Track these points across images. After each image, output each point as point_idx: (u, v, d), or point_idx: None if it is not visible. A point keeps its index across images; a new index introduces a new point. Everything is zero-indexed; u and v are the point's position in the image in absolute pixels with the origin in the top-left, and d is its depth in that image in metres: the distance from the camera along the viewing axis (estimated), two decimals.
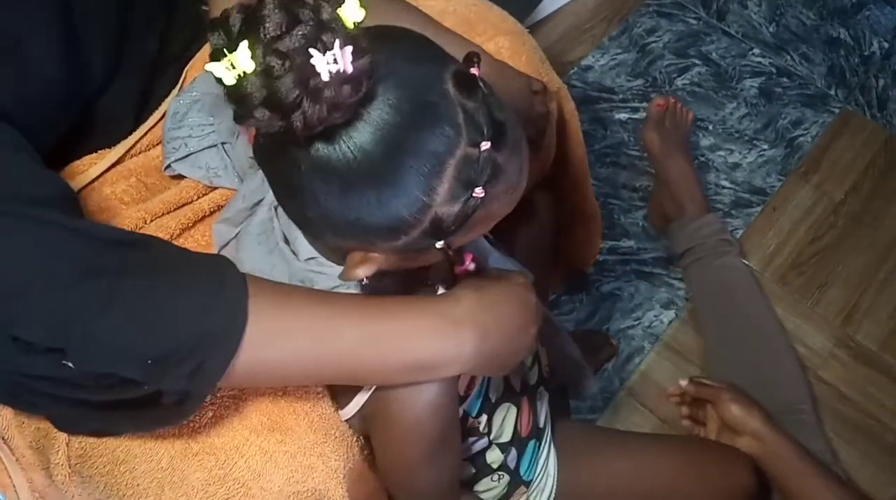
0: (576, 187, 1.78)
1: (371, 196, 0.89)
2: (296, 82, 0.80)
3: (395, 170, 0.88)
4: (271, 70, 0.80)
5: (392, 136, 0.87)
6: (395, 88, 0.88)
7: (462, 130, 0.89)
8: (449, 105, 0.89)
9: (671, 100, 2.29)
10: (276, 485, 1.13)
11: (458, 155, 0.89)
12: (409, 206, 0.90)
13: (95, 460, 1.17)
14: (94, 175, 1.28)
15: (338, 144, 0.87)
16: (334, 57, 0.81)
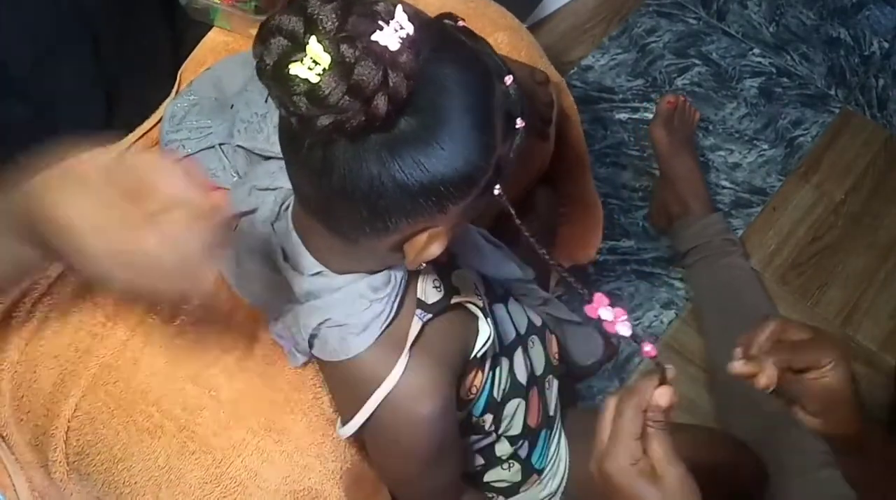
0: (576, 180, 1.78)
1: (453, 147, 0.90)
2: (374, 62, 0.80)
3: (468, 120, 0.90)
4: (344, 59, 0.80)
5: (450, 90, 0.89)
6: (449, 52, 0.91)
7: (490, 69, 0.94)
8: (471, 51, 0.94)
9: (681, 98, 2.29)
10: (272, 484, 1.14)
11: (497, 92, 0.94)
12: (481, 150, 0.92)
13: (93, 457, 1.18)
14: None
15: (409, 111, 0.87)
16: (399, 24, 0.82)
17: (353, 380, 1.13)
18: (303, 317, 1.12)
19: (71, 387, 1.18)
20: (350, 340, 1.10)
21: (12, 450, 1.29)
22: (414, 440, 1.16)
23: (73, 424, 1.18)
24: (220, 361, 1.18)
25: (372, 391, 1.11)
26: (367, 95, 0.81)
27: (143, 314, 1.20)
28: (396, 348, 1.11)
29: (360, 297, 1.08)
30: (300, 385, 1.20)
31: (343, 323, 1.09)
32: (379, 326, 1.10)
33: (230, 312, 1.24)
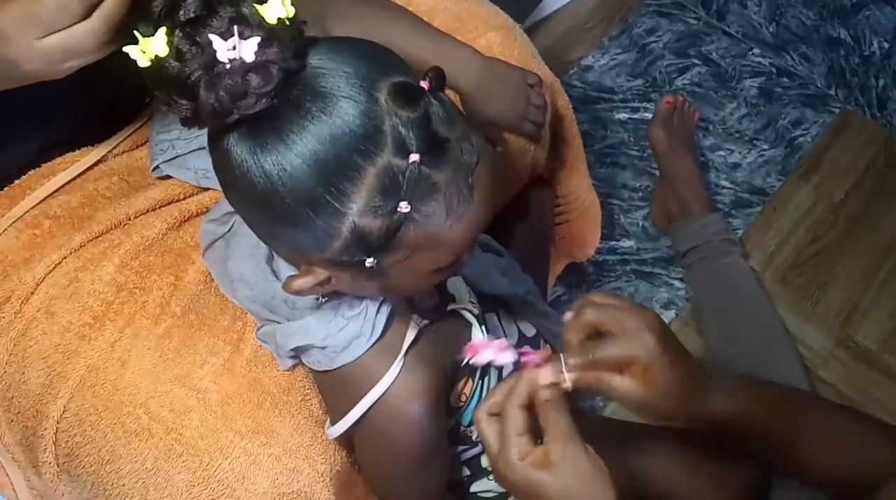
0: (573, 177, 1.78)
1: (283, 200, 0.87)
2: (199, 66, 0.81)
3: (307, 172, 0.85)
4: (180, 54, 0.81)
5: (305, 137, 0.85)
6: (319, 83, 0.86)
7: (385, 138, 0.85)
8: (375, 111, 0.86)
9: (680, 98, 2.29)
10: (260, 487, 1.14)
11: (378, 163, 0.85)
12: (323, 213, 0.87)
13: (82, 459, 1.18)
14: (77, 172, 1.28)
15: (248, 136, 0.86)
16: (234, 44, 0.81)
17: (344, 383, 1.13)
18: (280, 337, 1.13)
19: (59, 388, 1.17)
20: (334, 357, 1.10)
21: (8, 449, 1.29)
22: (403, 441, 1.16)
23: (61, 425, 1.18)
24: (208, 363, 1.18)
25: (364, 393, 1.11)
26: (190, 94, 0.82)
27: (131, 316, 1.20)
28: (390, 353, 1.11)
29: (336, 315, 1.08)
30: (288, 388, 1.20)
31: (323, 346, 1.09)
32: (363, 344, 1.09)
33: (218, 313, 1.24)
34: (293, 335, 1.10)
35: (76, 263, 1.21)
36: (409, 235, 0.89)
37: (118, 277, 1.21)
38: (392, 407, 1.12)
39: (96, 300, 1.20)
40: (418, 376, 1.12)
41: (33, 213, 1.24)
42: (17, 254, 1.21)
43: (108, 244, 1.23)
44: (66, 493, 1.25)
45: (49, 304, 1.19)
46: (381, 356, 1.11)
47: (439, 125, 0.88)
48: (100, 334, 1.18)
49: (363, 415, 1.12)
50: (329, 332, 1.08)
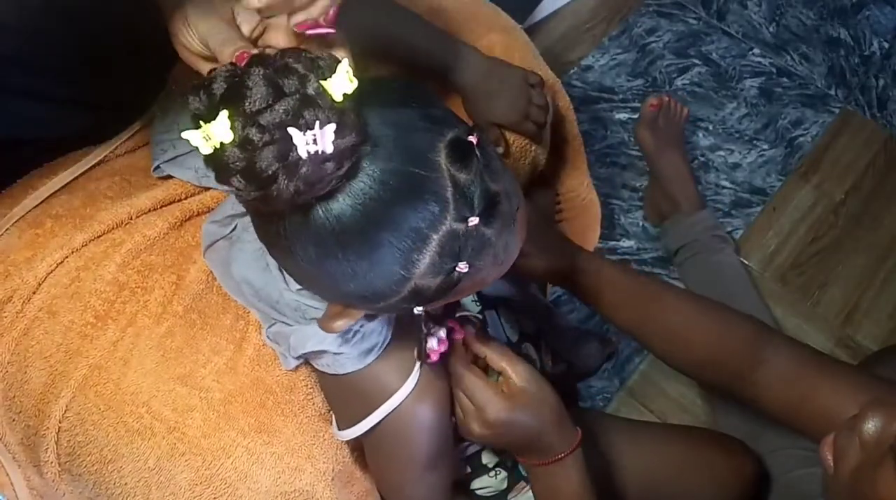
0: (574, 176, 1.78)
1: (346, 267, 0.87)
2: (275, 156, 0.78)
3: (373, 244, 0.85)
4: (250, 142, 0.78)
5: (372, 210, 0.84)
6: (381, 159, 0.84)
7: (449, 205, 0.85)
8: (438, 179, 0.85)
9: (665, 98, 2.29)
10: (263, 486, 1.14)
11: (442, 230, 0.86)
12: (387, 278, 0.88)
13: (84, 458, 1.18)
14: (79, 172, 1.28)
15: (316, 215, 0.84)
16: (314, 137, 0.79)
17: (357, 390, 1.14)
18: (294, 340, 1.13)
19: (61, 388, 1.17)
20: (346, 363, 1.11)
21: (8, 449, 1.29)
22: (415, 446, 1.17)
23: (63, 425, 1.18)
24: (211, 362, 1.18)
25: (380, 402, 1.12)
26: (261, 183, 0.79)
27: (133, 315, 1.20)
28: (406, 362, 1.12)
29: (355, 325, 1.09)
30: (291, 387, 1.20)
31: (338, 353, 1.10)
32: (376, 353, 1.11)
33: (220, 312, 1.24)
34: (309, 340, 1.11)
35: (78, 262, 1.21)
36: (461, 284, 0.91)
37: (120, 276, 1.21)
38: (407, 416, 1.13)
39: (98, 300, 1.19)
40: (432, 384, 1.14)
41: (35, 212, 1.24)
42: (18, 253, 1.21)
43: (110, 244, 1.23)
44: (68, 492, 1.25)
45: (51, 303, 1.19)
46: (396, 365, 1.12)
47: (490, 181, 0.88)
48: (102, 334, 1.18)
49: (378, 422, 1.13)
50: (345, 339, 1.09)
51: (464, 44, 1.40)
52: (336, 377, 1.14)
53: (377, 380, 1.12)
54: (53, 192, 1.26)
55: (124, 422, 1.15)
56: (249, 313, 1.23)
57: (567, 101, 1.67)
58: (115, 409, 1.16)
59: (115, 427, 1.16)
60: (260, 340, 1.20)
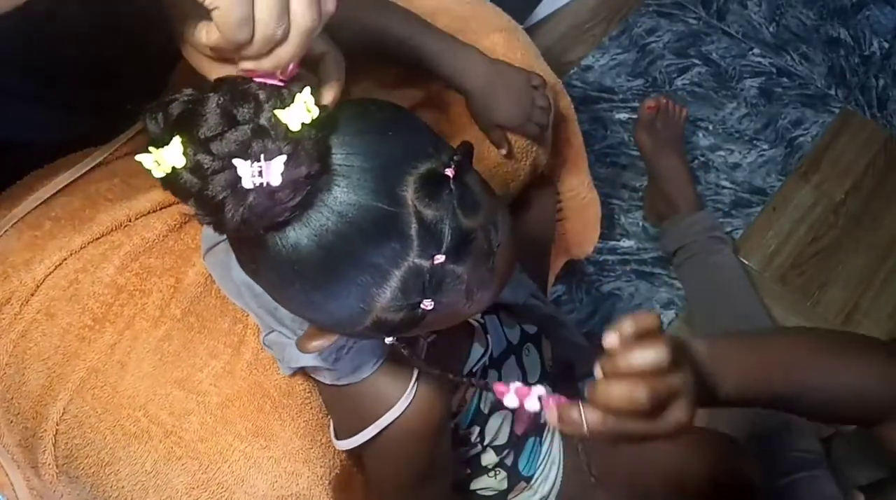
0: (574, 176, 1.79)
1: (304, 296, 0.86)
2: (223, 185, 0.76)
3: (330, 276, 0.83)
4: (201, 168, 0.76)
5: (329, 242, 0.81)
6: (343, 190, 0.81)
7: (413, 242, 0.82)
8: (402, 215, 0.82)
9: (662, 100, 2.30)
10: (260, 490, 1.14)
11: (404, 267, 0.83)
12: (346, 310, 0.86)
13: (81, 461, 1.18)
14: (78, 174, 1.28)
15: (274, 239, 0.82)
16: (260, 169, 0.76)
17: (355, 401, 1.14)
18: (288, 354, 1.14)
19: (59, 390, 1.17)
20: (342, 378, 1.12)
21: (7, 450, 1.29)
22: (414, 455, 1.18)
23: (61, 427, 1.18)
24: (208, 366, 1.18)
25: (378, 414, 1.12)
26: (211, 209, 0.78)
27: (130, 318, 1.20)
28: (401, 372, 1.12)
29: (346, 340, 1.09)
30: (289, 391, 1.20)
31: (331, 369, 1.11)
32: (370, 368, 1.11)
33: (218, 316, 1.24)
34: (302, 355, 1.10)
35: (76, 264, 1.21)
36: (428, 318, 0.88)
37: (118, 279, 1.21)
38: (406, 427, 1.13)
39: (96, 302, 1.20)
40: (430, 396, 1.14)
41: (34, 214, 1.24)
42: (17, 255, 1.21)
43: (109, 246, 1.23)
44: (66, 494, 1.25)
45: (49, 305, 1.19)
46: (392, 378, 1.12)
47: (464, 217, 0.84)
48: (99, 337, 1.18)
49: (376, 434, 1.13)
50: (338, 356, 1.09)
51: (467, 46, 1.40)
52: (334, 389, 1.14)
53: (375, 392, 1.12)
54: (53, 194, 1.26)
55: (121, 425, 1.15)
56: (248, 316, 1.23)
57: (568, 101, 1.68)
58: (113, 412, 1.16)
59: (112, 430, 1.16)
60: (258, 344, 1.20)
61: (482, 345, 1.25)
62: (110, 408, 1.16)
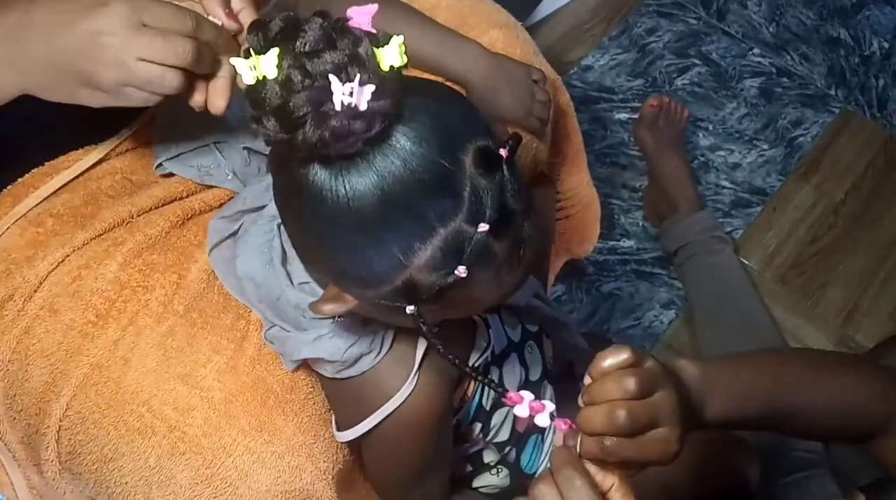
0: (574, 174, 1.79)
1: (349, 238, 0.88)
2: (307, 101, 0.80)
3: (381, 220, 0.86)
4: (290, 82, 0.81)
5: (389, 186, 0.85)
6: (411, 140, 0.85)
7: (464, 203, 0.86)
8: (459, 175, 0.86)
9: (665, 99, 2.30)
10: (263, 485, 1.14)
11: (451, 227, 0.86)
12: (384, 260, 0.88)
13: (84, 457, 1.18)
14: (80, 170, 1.28)
15: (333, 174, 0.85)
16: (351, 89, 0.80)
17: (356, 392, 1.14)
18: (290, 347, 1.14)
19: (62, 386, 1.17)
20: (342, 371, 1.12)
21: (8, 448, 1.29)
22: (413, 448, 1.18)
23: (64, 423, 1.18)
24: (212, 361, 1.18)
25: (378, 405, 1.12)
26: (290, 125, 0.82)
27: (134, 314, 1.20)
28: (403, 363, 1.12)
29: (347, 331, 1.09)
30: (292, 386, 1.20)
31: (332, 361, 1.11)
32: (371, 360, 1.11)
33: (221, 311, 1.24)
34: (303, 347, 1.12)
35: (79, 261, 1.21)
36: (454, 293, 0.90)
37: (121, 275, 1.21)
38: (405, 418, 1.13)
39: (99, 298, 1.19)
40: (431, 388, 1.14)
41: (36, 211, 1.24)
42: (20, 252, 1.21)
43: (111, 242, 1.23)
44: (69, 491, 1.25)
45: (52, 302, 1.19)
46: (394, 369, 1.12)
47: (511, 197, 0.88)
48: (103, 333, 1.18)
49: (376, 424, 1.13)
50: (339, 347, 1.09)
51: (467, 39, 1.40)
52: (335, 380, 1.14)
53: (376, 383, 1.12)
54: (55, 190, 1.26)
55: (125, 421, 1.15)
56: (251, 312, 1.22)
57: (567, 97, 1.68)
58: (116, 408, 1.16)
59: (115, 426, 1.15)
60: (261, 339, 1.20)
61: (484, 341, 1.25)
62: (114, 404, 1.16)
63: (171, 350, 1.18)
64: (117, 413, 1.16)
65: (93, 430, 1.17)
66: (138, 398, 1.15)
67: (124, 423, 1.15)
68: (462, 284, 0.89)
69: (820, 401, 1.15)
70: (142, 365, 1.17)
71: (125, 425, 1.15)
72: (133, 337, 1.18)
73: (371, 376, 1.12)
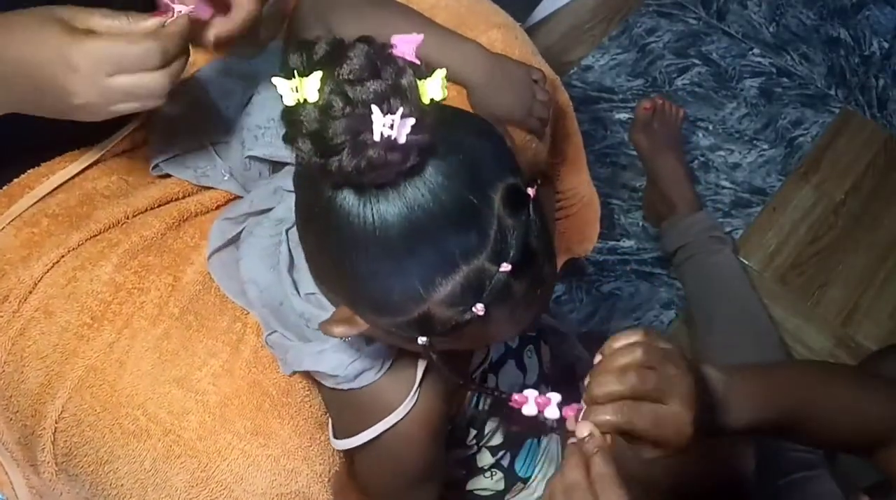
0: (573, 173, 1.78)
1: (372, 266, 0.88)
2: (346, 129, 0.80)
3: (405, 250, 0.86)
4: (330, 108, 0.80)
5: (417, 218, 0.84)
6: (443, 174, 0.85)
7: (489, 241, 0.86)
8: (487, 214, 0.86)
9: (659, 101, 2.29)
10: (259, 488, 1.14)
11: (474, 264, 0.86)
12: (404, 291, 0.88)
13: (80, 459, 1.18)
14: (75, 171, 1.28)
15: (363, 201, 0.85)
16: (392, 122, 0.80)
17: (355, 405, 1.14)
18: (291, 357, 1.14)
19: (57, 388, 1.17)
20: (342, 383, 1.12)
21: (7, 448, 1.29)
22: (407, 461, 1.18)
23: (59, 425, 1.18)
24: (207, 364, 1.18)
25: (377, 419, 1.12)
26: (326, 151, 0.81)
27: (129, 316, 1.19)
28: (404, 378, 1.13)
29: (350, 346, 1.09)
30: (288, 389, 1.19)
31: (333, 375, 1.11)
32: (372, 376, 1.11)
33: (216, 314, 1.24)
34: (305, 358, 1.12)
35: (74, 262, 1.21)
36: (470, 329, 0.90)
37: (116, 277, 1.21)
38: (404, 432, 1.13)
39: (94, 300, 1.19)
40: (431, 403, 1.14)
41: (32, 211, 1.24)
42: (14, 252, 1.21)
43: (107, 244, 1.23)
44: (65, 492, 1.25)
45: (47, 303, 1.19)
46: (395, 383, 1.12)
47: (534, 238, 0.89)
48: (98, 335, 1.18)
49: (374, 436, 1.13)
50: (342, 362, 1.09)
51: (467, 39, 1.40)
52: (335, 390, 1.14)
53: (376, 397, 1.12)
54: (50, 191, 1.26)
55: (120, 424, 1.15)
56: (247, 315, 1.22)
57: (566, 97, 1.67)
58: (111, 411, 1.16)
59: (111, 429, 1.15)
60: (257, 342, 1.20)
61: (483, 351, 1.24)
62: (109, 407, 1.16)
63: (167, 353, 1.18)
64: (112, 416, 1.15)
65: (88, 432, 1.17)
66: (133, 401, 1.15)
67: (119, 426, 1.15)
68: (478, 321, 0.89)
69: (836, 406, 1.15)
70: (137, 368, 1.17)
71: (120, 427, 1.15)
72: (128, 340, 1.18)
73: (372, 391, 1.12)
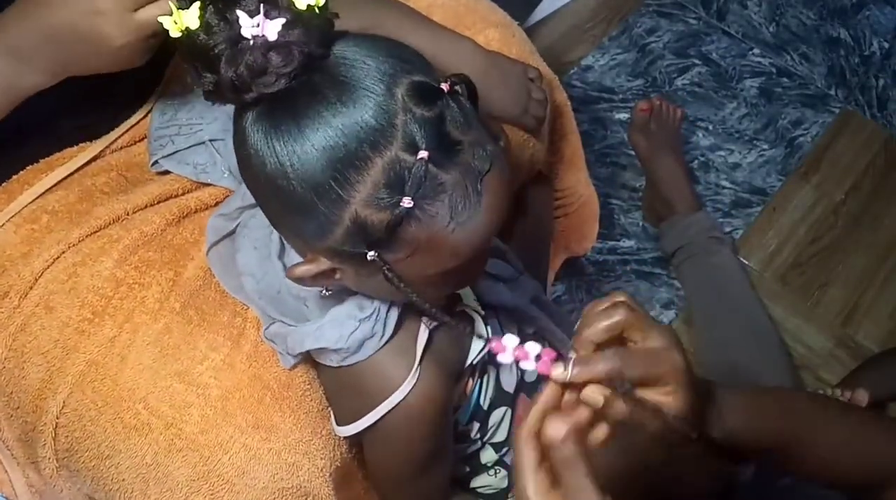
0: (572, 172, 1.79)
1: (291, 179, 0.89)
2: (224, 40, 0.86)
3: (314, 151, 0.87)
4: (209, 27, 0.86)
5: (315, 112, 0.87)
6: (340, 72, 0.88)
7: (396, 132, 0.87)
8: (390, 104, 0.87)
9: (656, 102, 2.29)
10: (260, 482, 1.14)
11: (386, 156, 0.86)
12: (325, 196, 0.88)
13: (81, 454, 1.18)
14: (75, 167, 1.28)
15: (267, 115, 0.89)
16: (258, 22, 0.85)
17: (358, 386, 1.14)
18: (292, 340, 1.13)
19: (58, 384, 1.17)
20: (348, 357, 1.11)
21: (6, 446, 1.29)
22: (414, 443, 1.18)
23: (61, 420, 1.18)
24: (208, 358, 1.18)
25: (381, 399, 1.12)
26: (213, 65, 0.86)
27: (130, 311, 1.20)
28: (405, 355, 1.12)
29: (348, 317, 1.09)
30: (289, 383, 1.20)
31: (336, 349, 1.10)
32: (375, 344, 1.11)
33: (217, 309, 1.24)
34: (306, 339, 1.11)
35: (75, 258, 1.21)
36: (410, 232, 0.90)
37: (117, 272, 1.21)
38: (407, 412, 1.13)
39: (95, 296, 1.19)
40: (433, 380, 1.14)
41: (31, 208, 1.24)
42: (15, 249, 1.21)
43: (107, 239, 1.23)
44: (66, 489, 1.25)
45: (48, 299, 1.19)
46: (396, 361, 1.12)
47: (453, 127, 0.89)
48: (99, 330, 1.18)
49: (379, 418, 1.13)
50: (342, 333, 1.09)
51: (463, 37, 1.40)
52: (337, 374, 1.14)
53: (378, 377, 1.12)
54: (49, 187, 1.26)
55: (121, 418, 1.15)
56: (247, 309, 1.23)
57: (564, 96, 1.67)
58: (113, 405, 1.16)
59: (112, 423, 1.16)
60: (257, 336, 1.20)
61: (481, 338, 1.24)
62: (110, 401, 1.16)
63: (168, 347, 1.18)
64: (114, 410, 1.16)
65: (89, 427, 1.17)
66: (135, 396, 1.15)
67: (121, 420, 1.15)
68: (415, 219, 0.89)
69: (833, 441, 1.14)
70: (138, 362, 1.17)
71: (122, 422, 1.15)
72: (129, 334, 1.18)
73: (375, 365, 1.11)
